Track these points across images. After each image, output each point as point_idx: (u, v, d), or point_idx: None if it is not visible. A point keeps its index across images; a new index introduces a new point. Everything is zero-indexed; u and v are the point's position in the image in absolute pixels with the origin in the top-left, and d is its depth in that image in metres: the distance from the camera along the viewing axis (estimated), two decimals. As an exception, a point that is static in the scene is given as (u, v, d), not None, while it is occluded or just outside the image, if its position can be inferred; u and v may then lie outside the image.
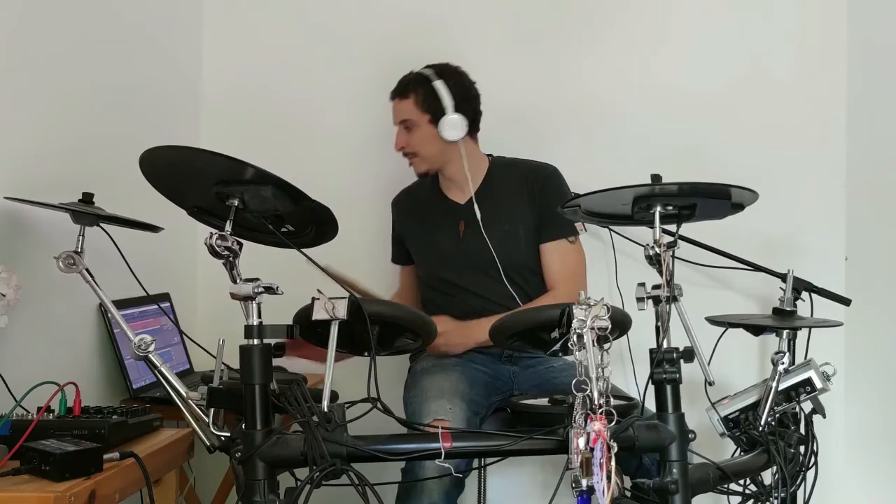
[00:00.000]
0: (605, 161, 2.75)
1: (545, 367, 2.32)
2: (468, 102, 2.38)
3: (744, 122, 2.81)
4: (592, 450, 1.32)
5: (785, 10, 2.83)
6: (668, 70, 2.82)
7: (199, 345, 1.89)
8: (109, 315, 1.98)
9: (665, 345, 1.61)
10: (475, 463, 2.12)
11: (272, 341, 1.52)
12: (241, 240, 1.53)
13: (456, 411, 2.04)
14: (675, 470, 1.56)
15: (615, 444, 1.33)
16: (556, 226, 2.37)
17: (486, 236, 2.35)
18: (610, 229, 2.61)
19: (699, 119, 2.80)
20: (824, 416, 2.05)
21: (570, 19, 2.83)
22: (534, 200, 2.37)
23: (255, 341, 1.49)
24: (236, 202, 1.54)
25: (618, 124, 2.81)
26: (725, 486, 1.79)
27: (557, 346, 1.72)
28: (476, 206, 2.37)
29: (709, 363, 1.75)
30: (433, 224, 2.47)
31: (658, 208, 1.65)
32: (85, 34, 2.12)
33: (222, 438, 1.59)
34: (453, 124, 2.34)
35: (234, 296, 1.50)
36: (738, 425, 1.95)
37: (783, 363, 1.93)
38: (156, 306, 2.20)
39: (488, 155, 2.48)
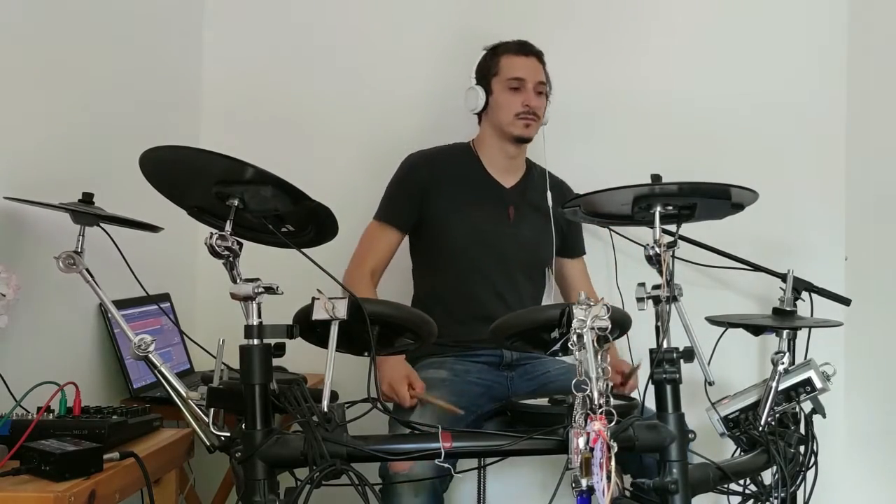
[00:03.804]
0: (605, 161, 2.75)
1: (542, 371, 2.31)
2: None
3: (744, 122, 2.81)
4: (592, 450, 1.33)
5: (785, 11, 2.83)
6: (669, 70, 2.82)
7: (199, 345, 1.89)
8: (109, 315, 1.97)
9: (665, 345, 1.61)
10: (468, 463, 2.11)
11: (272, 341, 1.52)
12: (241, 240, 1.53)
13: None
14: (675, 470, 1.56)
15: (615, 444, 1.34)
16: (581, 243, 2.55)
17: (532, 227, 2.37)
18: (610, 229, 2.61)
19: (700, 119, 2.80)
20: (824, 416, 2.06)
21: (572, 21, 2.83)
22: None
23: (255, 341, 1.49)
24: (236, 202, 1.54)
25: (618, 124, 2.81)
26: (725, 486, 1.79)
27: (557, 346, 1.72)
28: (525, 193, 2.39)
29: (709, 363, 1.76)
30: (478, 199, 2.36)
31: (658, 208, 1.66)
32: (85, 34, 2.12)
33: (222, 438, 1.58)
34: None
35: (234, 296, 1.50)
36: (738, 425, 1.95)
37: (783, 363, 1.93)
38: (156, 306, 2.20)
39: None
